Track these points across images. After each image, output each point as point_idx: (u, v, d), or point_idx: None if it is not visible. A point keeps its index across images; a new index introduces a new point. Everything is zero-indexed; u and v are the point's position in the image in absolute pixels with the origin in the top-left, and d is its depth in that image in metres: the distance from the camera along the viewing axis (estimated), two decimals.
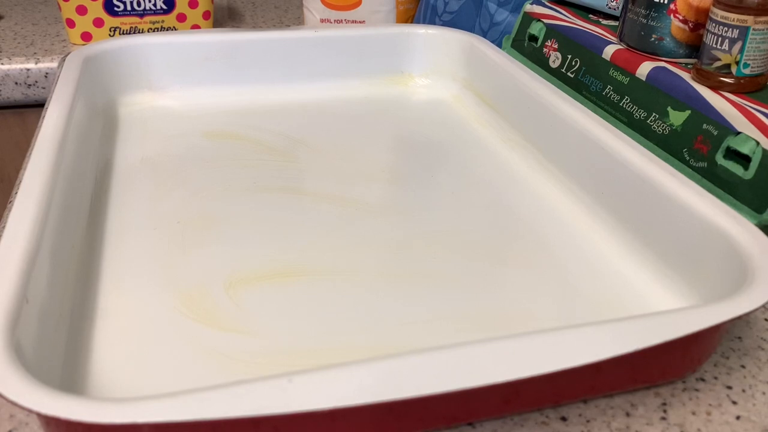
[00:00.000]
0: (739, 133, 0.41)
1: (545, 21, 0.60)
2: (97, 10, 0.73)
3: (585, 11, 0.61)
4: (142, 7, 0.73)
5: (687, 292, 0.36)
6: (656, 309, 0.36)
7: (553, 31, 0.58)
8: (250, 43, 0.60)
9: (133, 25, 0.74)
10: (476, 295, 0.37)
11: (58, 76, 0.52)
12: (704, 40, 0.46)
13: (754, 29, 0.43)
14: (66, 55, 0.63)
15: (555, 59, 0.58)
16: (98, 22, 0.73)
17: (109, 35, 0.74)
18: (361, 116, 0.58)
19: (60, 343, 0.32)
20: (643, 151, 0.41)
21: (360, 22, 0.77)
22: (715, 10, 0.44)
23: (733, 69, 0.44)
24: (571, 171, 0.46)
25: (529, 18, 0.61)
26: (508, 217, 0.44)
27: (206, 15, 0.76)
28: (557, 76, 0.57)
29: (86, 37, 0.74)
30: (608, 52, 0.52)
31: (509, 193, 0.47)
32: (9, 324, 0.26)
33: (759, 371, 0.33)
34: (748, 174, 0.40)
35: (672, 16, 0.49)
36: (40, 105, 0.76)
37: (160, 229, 0.41)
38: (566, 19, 0.59)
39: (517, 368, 0.25)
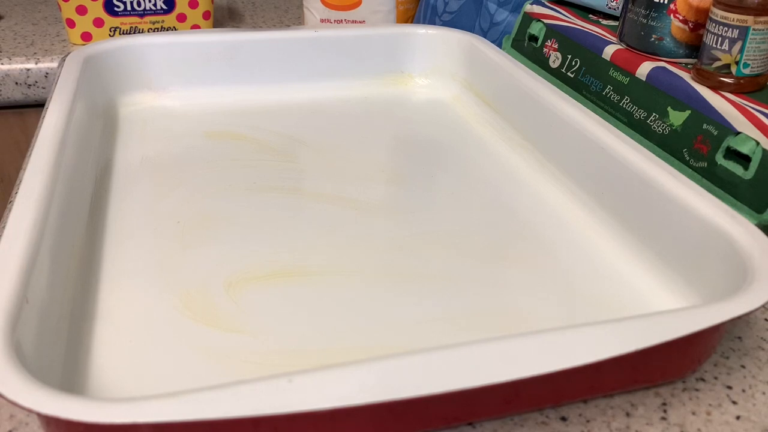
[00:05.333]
0: (739, 133, 0.41)
1: (545, 21, 0.60)
2: (97, 10, 0.73)
3: (585, 11, 0.61)
4: (142, 7, 0.73)
5: (687, 292, 0.36)
6: (656, 309, 0.36)
7: (553, 31, 0.58)
8: (250, 43, 0.60)
9: (133, 25, 0.74)
10: (476, 295, 0.37)
11: (58, 76, 0.52)
12: (704, 40, 0.46)
13: (754, 29, 0.43)
14: (66, 55, 0.63)
15: (555, 59, 0.58)
16: (98, 22, 0.73)
17: (109, 35, 0.74)
18: (361, 116, 0.58)
19: (60, 343, 0.32)
20: (643, 151, 0.41)
21: (360, 22, 0.77)
22: (715, 10, 0.44)
23: (733, 69, 0.44)
24: (571, 171, 0.46)
25: (529, 18, 0.61)
26: (508, 217, 0.44)
27: (206, 15, 0.76)
28: (557, 76, 0.57)
29: (86, 37, 0.74)
30: (608, 52, 0.52)
31: (509, 193, 0.47)
32: (9, 324, 0.26)
33: (759, 371, 0.33)
34: (748, 174, 0.40)
35: (672, 16, 0.49)
36: (40, 105, 0.76)
37: (160, 229, 0.41)
38: (566, 19, 0.59)
39: (517, 368, 0.25)
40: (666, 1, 0.48)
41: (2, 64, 0.71)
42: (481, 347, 0.26)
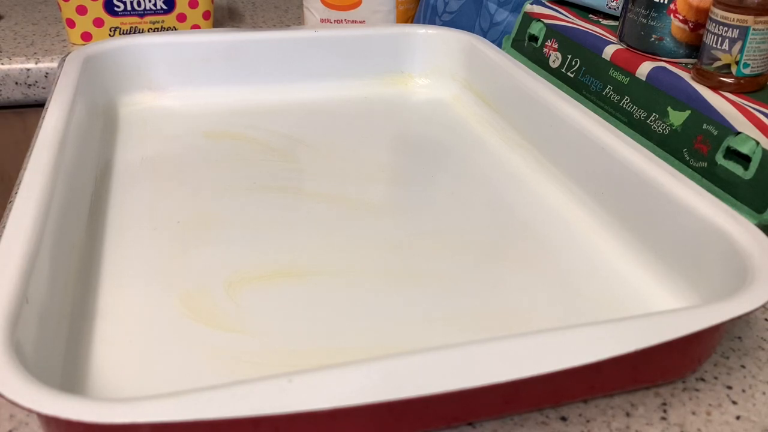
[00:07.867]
0: (739, 133, 0.41)
1: (545, 21, 0.60)
2: (97, 10, 0.73)
3: (585, 11, 0.61)
4: (142, 7, 0.73)
5: (687, 292, 0.36)
6: (656, 309, 0.36)
7: (553, 31, 0.58)
8: (250, 43, 0.60)
9: (133, 25, 0.74)
10: (476, 295, 0.37)
11: (58, 76, 0.52)
12: (704, 40, 0.46)
13: (754, 29, 0.43)
14: (66, 55, 0.63)
15: (555, 59, 0.58)
16: (98, 22, 0.73)
17: (109, 35, 0.74)
18: (361, 116, 0.58)
19: (60, 343, 0.32)
20: (643, 151, 0.41)
21: (360, 22, 0.77)
22: (715, 10, 0.44)
23: (733, 69, 0.44)
24: (571, 171, 0.46)
25: (529, 18, 0.61)
26: (507, 217, 0.44)
27: (206, 15, 0.76)
28: (557, 76, 0.57)
29: (86, 37, 0.74)
30: (608, 52, 0.52)
31: (509, 193, 0.47)
32: (9, 324, 0.26)
33: (759, 371, 0.33)
34: (748, 174, 0.40)
35: (672, 16, 0.49)
36: (40, 105, 0.76)
37: (160, 229, 0.41)
38: (566, 19, 0.59)
39: (517, 368, 0.25)
40: (666, 1, 0.48)
41: (2, 64, 0.71)
42: (481, 347, 0.26)
